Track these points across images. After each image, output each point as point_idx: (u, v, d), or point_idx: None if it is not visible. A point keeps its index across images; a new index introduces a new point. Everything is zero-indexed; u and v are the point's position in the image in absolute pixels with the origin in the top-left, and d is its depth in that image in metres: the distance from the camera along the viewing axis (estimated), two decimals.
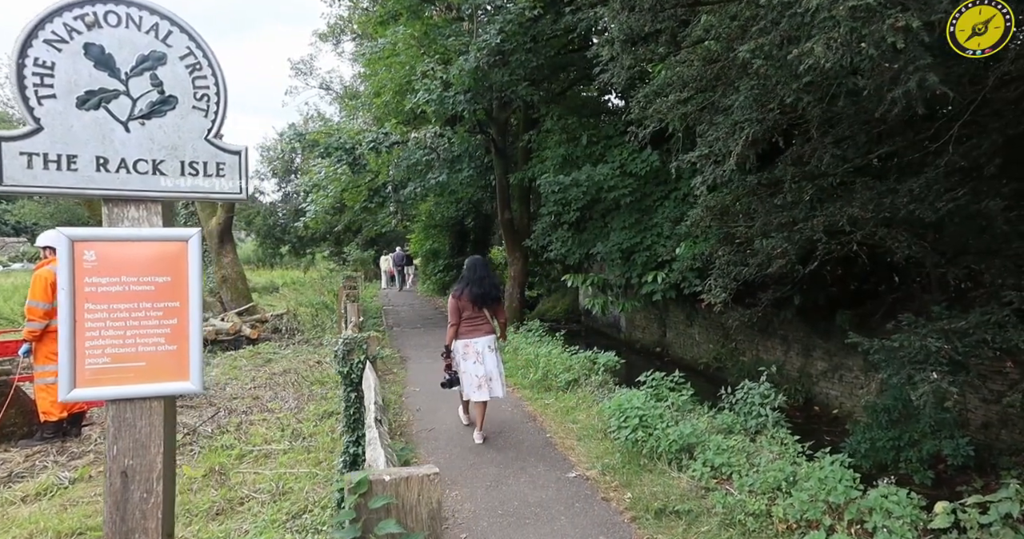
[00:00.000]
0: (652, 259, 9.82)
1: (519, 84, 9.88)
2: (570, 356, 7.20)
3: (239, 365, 8.43)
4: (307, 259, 35.52)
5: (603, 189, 9.95)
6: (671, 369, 12.86)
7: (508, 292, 13.13)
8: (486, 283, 5.17)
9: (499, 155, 12.30)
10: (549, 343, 8.43)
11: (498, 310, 5.33)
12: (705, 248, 7.95)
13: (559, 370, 6.75)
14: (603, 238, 10.64)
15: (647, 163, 9.94)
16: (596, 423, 5.21)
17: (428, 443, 4.85)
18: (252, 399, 5.99)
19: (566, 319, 19.25)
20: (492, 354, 5.13)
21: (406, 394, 6.59)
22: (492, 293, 5.20)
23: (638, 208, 10.34)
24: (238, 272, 13.64)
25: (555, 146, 11.19)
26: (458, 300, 5.12)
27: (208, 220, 13.48)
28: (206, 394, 6.29)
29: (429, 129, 11.06)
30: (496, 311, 5.31)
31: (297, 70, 23.97)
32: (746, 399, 4.95)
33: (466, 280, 5.20)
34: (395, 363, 8.56)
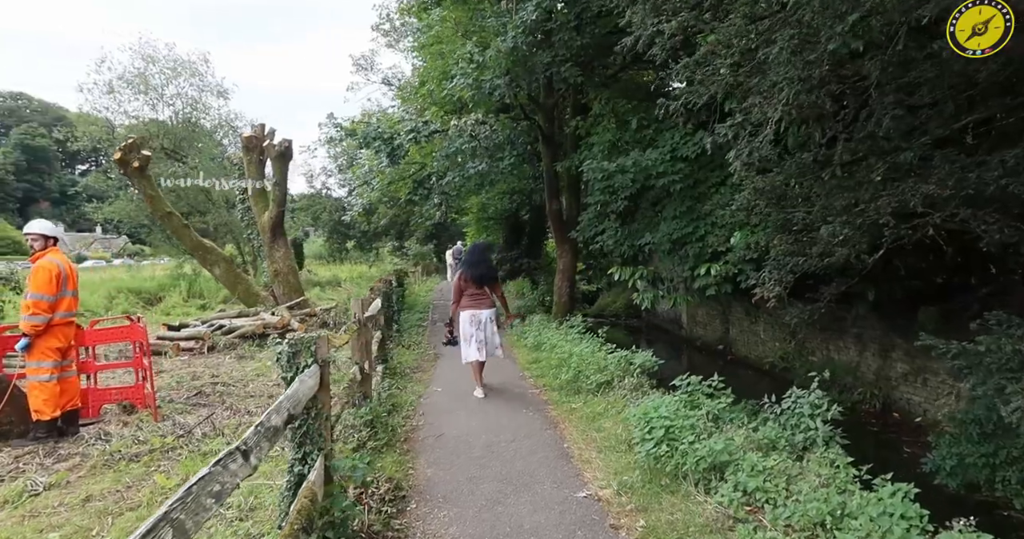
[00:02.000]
0: (705, 250, 9.04)
1: (563, 65, 9.30)
2: (606, 355, 6.63)
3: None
4: (373, 254, 36.24)
5: (652, 175, 9.24)
6: (734, 368, 12.06)
7: (556, 286, 12.59)
8: (482, 266, 6.36)
9: (546, 143, 11.76)
10: (588, 341, 7.88)
11: (495, 287, 6.51)
12: (761, 237, 7.15)
13: (592, 371, 6.21)
14: (653, 228, 9.93)
15: (698, 146, 9.14)
16: (621, 433, 4.66)
17: (432, 452, 4.45)
18: (268, 397, 5.81)
19: (626, 315, 18.56)
20: (491, 324, 6.32)
21: (426, 395, 6.24)
22: (488, 273, 6.40)
23: (690, 195, 9.56)
24: (290, 266, 13.80)
25: (603, 132, 10.54)
26: (460, 281, 6.37)
27: (261, 214, 13.71)
28: (225, 391, 6.18)
29: (471, 117, 10.68)
30: (493, 288, 6.49)
31: (358, 66, 24.17)
32: (793, 409, 4.25)
33: (466, 264, 6.46)
34: (428, 359, 8.27)
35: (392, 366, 7.16)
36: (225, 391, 6.13)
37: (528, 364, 7.74)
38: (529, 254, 19.12)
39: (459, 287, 6.34)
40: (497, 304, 6.58)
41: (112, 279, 23.16)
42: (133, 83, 22.56)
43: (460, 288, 6.33)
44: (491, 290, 6.42)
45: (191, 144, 23.22)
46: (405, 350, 8.89)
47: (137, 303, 20.12)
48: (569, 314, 12.05)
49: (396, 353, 8.38)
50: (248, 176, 13.99)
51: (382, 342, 7.03)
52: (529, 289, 15.89)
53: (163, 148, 22.93)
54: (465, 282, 6.28)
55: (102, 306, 18.32)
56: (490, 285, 6.39)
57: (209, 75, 23.74)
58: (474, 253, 6.52)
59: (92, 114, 23.14)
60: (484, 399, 6.00)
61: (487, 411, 5.59)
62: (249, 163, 13.95)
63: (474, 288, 6.27)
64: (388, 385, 6.17)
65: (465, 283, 6.28)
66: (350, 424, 4.31)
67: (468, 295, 6.28)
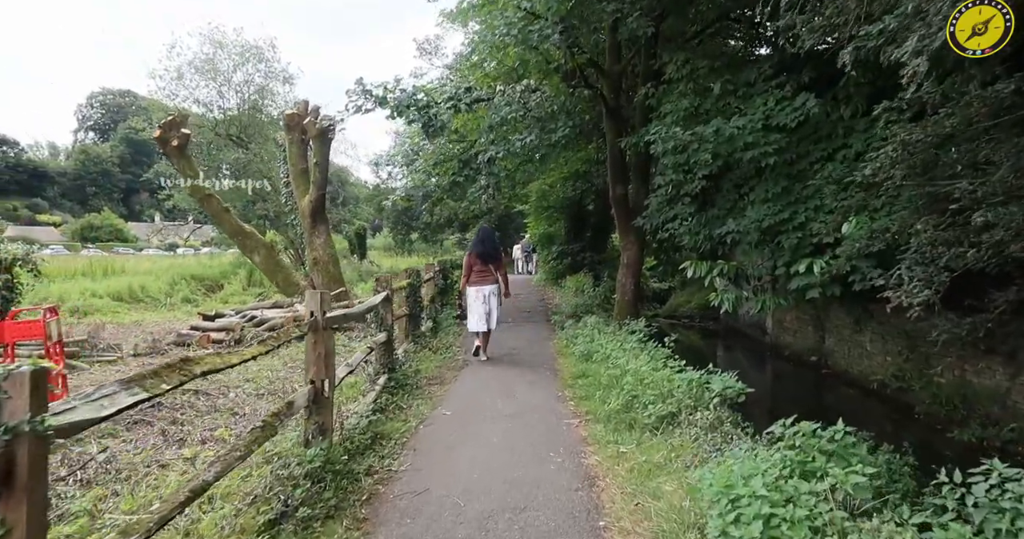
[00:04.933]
0: (805, 242, 7.13)
1: (630, 15, 7.61)
2: (671, 374, 4.95)
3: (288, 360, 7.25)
4: (438, 245, 35.55)
5: (738, 148, 7.41)
6: (832, 385, 9.95)
7: (620, 283, 10.85)
8: (488, 245, 7.49)
9: (611, 117, 10.05)
10: (650, 352, 6.20)
11: (498, 266, 7.49)
12: (890, 223, 5.25)
13: (651, 397, 4.57)
14: (737, 215, 8.07)
15: (801, 112, 7.21)
16: (688, 505, 3.03)
17: (399, 525, 2.95)
18: (231, 415, 4.58)
19: (702, 316, 16.66)
20: (494, 298, 7.24)
21: (430, 419, 4.76)
22: (492, 254, 7.52)
23: (786, 173, 7.65)
24: (331, 254, 12.82)
25: (677, 99, 8.73)
26: (470, 258, 7.47)
27: (302, 198, 12.80)
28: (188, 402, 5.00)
29: (521, 84, 9.15)
30: (497, 267, 7.46)
31: (422, 50, 23.16)
32: (995, 499, 2.49)
33: (473, 243, 7.68)
34: (452, 368, 6.84)
35: (401, 376, 5.78)
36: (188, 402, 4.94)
37: (572, 380, 6.15)
38: (593, 247, 17.41)
39: (469, 264, 7.46)
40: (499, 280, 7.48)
41: (181, 265, 23.42)
42: (202, 69, 22.60)
43: (470, 265, 7.43)
44: (495, 268, 7.44)
45: (257, 131, 23.08)
46: (431, 355, 7.51)
47: (199, 290, 20.07)
48: (633, 315, 10.34)
49: (416, 359, 7.02)
50: (289, 157, 13.14)
51: (387, 345, 5.66)
52: (590, 285, 14.19)
53: (228, 134, 22.92)
54: (473, 259, 7.41)
55: (163, 292, 18.28)
56: (494, 263, 7.46)
57: (275, 61, 23.53)
58: (480, 234, 7.74)
59: (163, 102, 23.41)
60: (502, 430, 4.51)
61: (500, 449, 4.08)
62: (291, 143, 13.07)
63: (480, 265, 7.35)
64: (382, 403, 4.78)
65: (473, 260, 7.40)
66: (285, 476, 2.93)
67: (476, 272, 7.35)
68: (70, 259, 25.36)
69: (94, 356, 8.89)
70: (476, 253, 7.38)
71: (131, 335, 10.61)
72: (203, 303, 18.04)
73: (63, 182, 74.62)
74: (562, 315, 10.89)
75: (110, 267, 21.93)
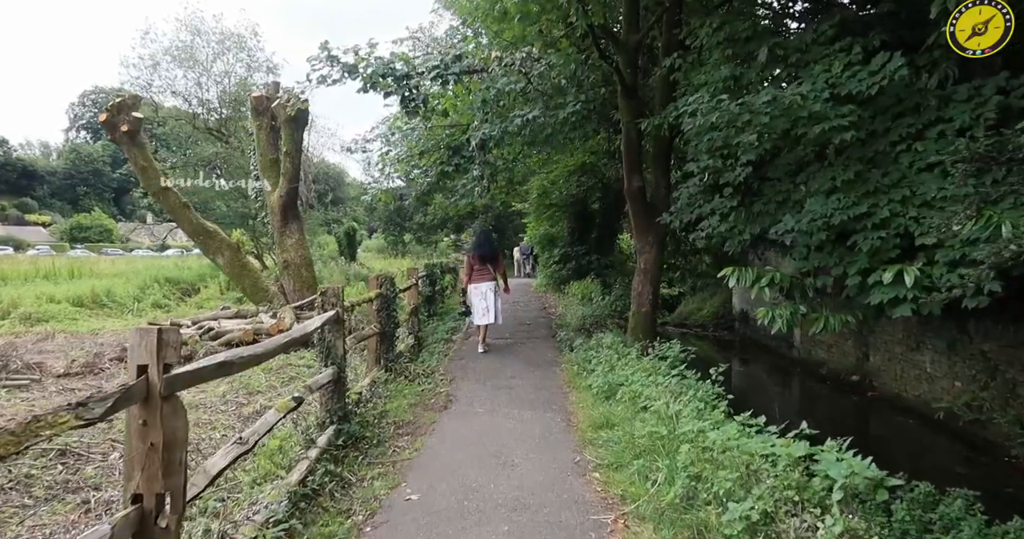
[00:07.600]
0: (889, 242, 5.50)
1: None
2: (743, 437, 3.28)
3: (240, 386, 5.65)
4: (432, 247, 33.99)
5: (800, 123, 5.79)
6: (880, 412, 8.24)
7: (636, 292, 9.17)
8: (485, 247, 8.44)
9: (627, 95, 8.41)
10: (697, 393, 4.52)
11: (497, 266, 8.34)
12: None
13: (725, 484, 2.92)
14: (792, 208, 6.44)
15: (883, 76, 5.57)
16: None
17: None
18: (80, 505, 2.96)
19: (715, 325, 15.14)
20: (491, 294, 8.04)
21: (384, 513, 2.98)
22: (489, 254, 8.36)
23: (859, 157, 6.03)
24: (303, 257, 11.15)
25: (713, 68, 7.11)
26: (471, 259, 8.45)
27: (272, 192, 11.15)
28: None
29: (521, 51, 7.52)
30: (495, 266, 8.31)
31: (415, 39, 21.53)
32: None
33: (473, 244, 9.07)
34: (432, 407, 5.14)
35: (358, 426, 4.10)
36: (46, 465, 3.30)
37: (592, 431, 4.36)
38: (599, 249, 15.76)
39: (469, 264, 8.30)
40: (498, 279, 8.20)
41: (157, 267, 21.89)
42: (179, 58, 21.02)
43: (470, 265, 8.26)
44: (494, 268, 8.17)
45: (236, 123, 21.51)
46: (407, 385, 5.82)
47: (173, 294, 18.52)
48: (651, 330, 8.70)
49: (387, 393, 5.35)
50: (257, 145, 11.50)
51: (337, 385, 4.00)
52: (599, 293, 12.49)
53: (207, 128, 21.39)
54: (474, 260, 8.22)
55: (132, 297, 16.66)
56: (493, 263, 8.19)
57: (259, 50, 21.93)
58: (477, 235, 8.91)
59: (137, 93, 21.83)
60: None
61: None
62: (259, 129, 11.42)
63: (479, 265, 8.10)
64: (316, 482, 3.12)
65: (473, 261, 8.21)
66: None
67: (476, 271, 8.08)
68: (37, 259, 23.78)
69: (1, 379, 7.30)
70: (476, 255, 8.20)
71: (77, 347, 9.16)
72: (175, 309, 16.49)
73: (53, 181, 73.20)
74: (569, 330, 9.24)
75: (77, 269, 20.37)
